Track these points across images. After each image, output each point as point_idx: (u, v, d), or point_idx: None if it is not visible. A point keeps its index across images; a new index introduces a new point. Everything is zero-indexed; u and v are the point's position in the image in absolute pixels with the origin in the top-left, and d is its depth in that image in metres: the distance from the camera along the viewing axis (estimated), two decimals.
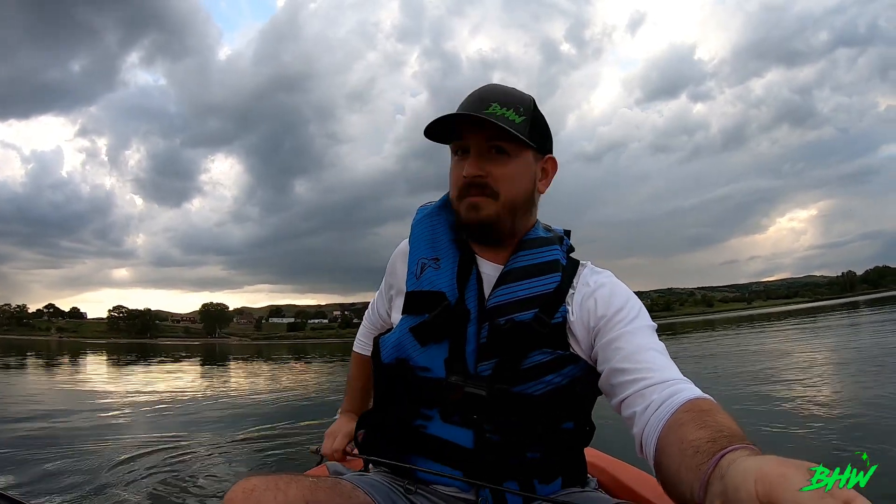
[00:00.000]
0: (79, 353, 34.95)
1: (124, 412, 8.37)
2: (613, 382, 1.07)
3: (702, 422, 0.81)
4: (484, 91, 1.20)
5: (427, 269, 1.26)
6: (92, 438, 5.92)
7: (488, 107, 1.15)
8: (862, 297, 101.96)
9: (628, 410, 1.01)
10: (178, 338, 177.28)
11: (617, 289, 1.20)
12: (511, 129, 1.13)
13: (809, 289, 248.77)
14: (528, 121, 1.19)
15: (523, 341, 1.15)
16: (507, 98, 1.18)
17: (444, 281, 1.23)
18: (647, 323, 1.13)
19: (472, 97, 1.19)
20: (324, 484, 1.04)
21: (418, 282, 1.25)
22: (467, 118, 1.14)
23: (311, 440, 5.60)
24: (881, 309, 31.41)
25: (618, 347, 1.09)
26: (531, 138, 1.19)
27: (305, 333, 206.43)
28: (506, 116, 1.15)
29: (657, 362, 1.03)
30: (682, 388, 0.95)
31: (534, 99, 1.23)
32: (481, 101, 1.17)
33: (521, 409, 1.16)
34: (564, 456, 1.25)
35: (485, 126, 1.14)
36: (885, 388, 6.60)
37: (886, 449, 4.12)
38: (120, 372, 18.83)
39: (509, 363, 1.15)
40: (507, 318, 1.16)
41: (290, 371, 17.94)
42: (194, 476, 4.39)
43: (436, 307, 1.21)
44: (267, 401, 9.68)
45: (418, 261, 1.28)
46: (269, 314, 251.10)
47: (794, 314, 43.25)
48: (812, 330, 20.57)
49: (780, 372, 9.23)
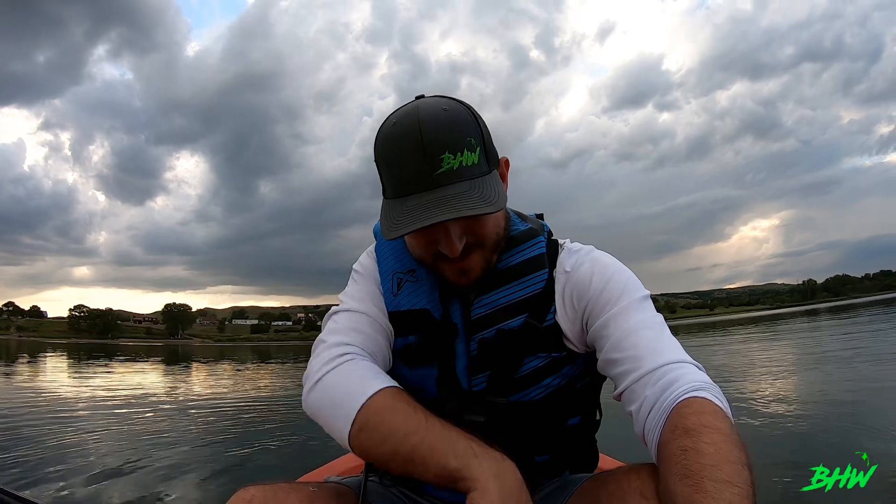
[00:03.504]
0: (38, 353, 34.14)
1: (97, 416, 8.17)
2: (608, 373, 1.03)
3: (683, 468, 0.77)
4: (424, 134, 0.94)
5: (405, 284, 1.15)
6: (65, 445, 5.74)
7: (440, 163, 0.94)
8: (823, 305, 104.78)
9: (626, 408, 0.97)
10: (140, 339, 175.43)
11: (597, 266, 1.09)
12: (481, 208, 0.93)
13: (771, 296, 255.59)
14: (482, 148, 1.00)
15: (514, 350, 1.09)
16: (452, 135, 0.95)
17: (425, 296, 1.13)
18: (635, 296, 1.04)
19: (412, 148, 0.95)
20: (324, 493, 1.01)
21: (396, 300, 1.14)
22: (436, 220, 0.92)
23: (300, 443, 5.52)
24: (840, 316, 32.26)
25: (607, 334, 1.01)
26: (489, 161, 1.02)
27: (269, 336, 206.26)
28: (464, 165, 0.95)
29: (647, 344, 0.97)
30: (673, 380, 0.90)
31: (468, 106, 1.03)
32: (427, 156, 0.94)
33: (523, 417, 1.12)
34: (573, 450, 1.22)
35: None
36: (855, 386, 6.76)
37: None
38: (85, 373, 18.42)
39: (503, 375, 1.09)
40: (495, 329, 1.09)
41: (259, 373, 17.72)
42: (180, 483, 4.27)
43: (420, 326, 1.12)
44: (243, 404, 9.52)
45: (393, 275, 1.16)
46: (233, 316, 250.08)
47: (756, 321, 44.22)
48: (782, 335, 21.03)
49: (752, 373, 9.39)
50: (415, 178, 0.95)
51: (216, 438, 6.10)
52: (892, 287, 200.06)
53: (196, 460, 4.94)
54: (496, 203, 0.95)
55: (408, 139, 0.95)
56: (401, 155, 0.96)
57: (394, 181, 0.99)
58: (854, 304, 72.09)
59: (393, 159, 0.98)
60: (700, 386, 0.87)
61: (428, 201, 0.94)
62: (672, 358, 0.94)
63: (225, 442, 5.87)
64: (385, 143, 1.00)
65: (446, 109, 0.98)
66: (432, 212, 0.92)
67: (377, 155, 1.03)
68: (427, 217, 0.92)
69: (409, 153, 0.95)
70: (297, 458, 5.01)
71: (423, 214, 0.93)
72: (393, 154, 0.98)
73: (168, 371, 19.38)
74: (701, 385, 0.88)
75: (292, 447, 5.39)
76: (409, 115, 0.97)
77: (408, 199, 0.96)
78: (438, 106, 0.98)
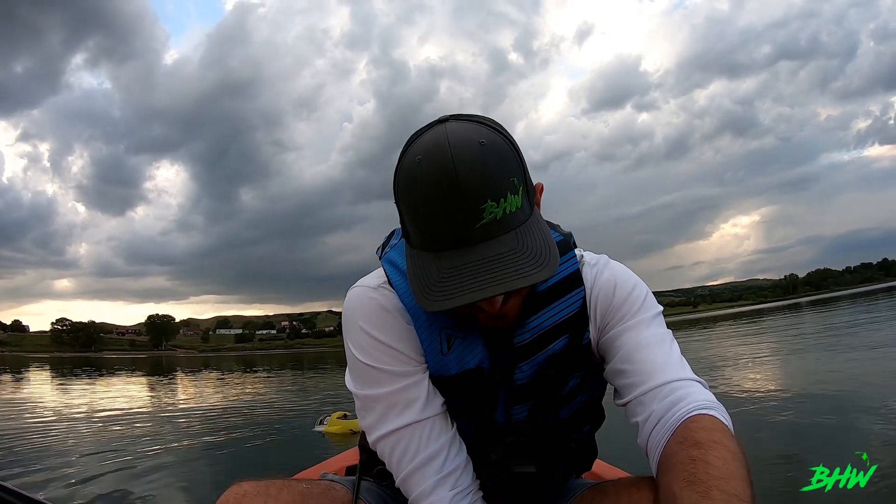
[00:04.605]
0: (21, 368, 33.64)
1: (92, 424, 8.10)
2: (615, 383, 1.01)
3: (690, 475, 0.74)
4: (461, 179, 0.79)
5: (455, 341, 1.00)
6: (66, 450, 5.68)
7: (481, 213, 0.80)
8: (805, 299, 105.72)
9: (631, 419, 0.95)
10: (123, 351, 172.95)
11: (618, 279, 1.04)
12: (535, 275, 0.81)
13: (753, 292, 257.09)
14: (524, 187, 0.87)
15: (561, 374, 1.04)
16: (494, 179, 0.81)
17: (477, 352, 1.01)
18: (651, 312, 1.02)
19: (446, 196, 0.80)
20: (316, 489, 1.01)
21: (445, 360, 1.01)
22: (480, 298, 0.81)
23: (295, 442, 5.49)
24: (822, 309, 32.48)
25: (619, 345, 0.99)
26: (530, 200, 0.91)
27: (254, 345, 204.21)
28: (507, 212, 0.83)
29: (657, 360, 0.95)
30: (682, 398, 0.89)
31: (505, 134, 0.88)
32: (466, 207, 0.80)
33: (550, 436, 1.10)
34: (581, 454, 1.23)
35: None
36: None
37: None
38: (72, 385, 18.19)
39: (549, 401, 1.07)
40: (545, 355, 1.02)
41: (247, 381, 17.60)
42: (174, 480, 4.25)
43: (469, 385, 1.02)
44: (230, 410, 9.45)
45: (440, 331, 1.00)
46: (216, 325, 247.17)
47: (740, 316, 44.45)
48: (767, 330, 21.14)
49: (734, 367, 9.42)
50: (451, 231, 0.82)
51: (212, 439, 6.07)
52: (873, 280, 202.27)
53: (190, 459, 4.92)
54: (549, 264, 0.83)
55: (441, 185, 0.79)
56: (433, 203, 0.81)
57: (423, 232, 0.86)
58: (836, 297, 72.86)
59: (422, 206, 0.83)
60: (709, 405, 0.87)
61: (471, 263, 0.81)
62: (681, 375, 0.93)
63: (219, 441, 5.84)
64: (411, 187, 0.84)
65: (483, 143, 0.82)
66: (481, 279, 0.80)
67: (399, 196, 0.89)
68: (472, 287, 0.80)
69: (443, 202, 0.80)
70: (292, 456, 4.99)
71: (467, 283, 0.80)
72: (422, 201, 0.83)
73: (156, 381, 19.21)
74: (709, 404, 0.87)
75: (288, 445, 5.37)
76: (440, 151, 0.81)
77: (443, 256, 0.84)
78: (474, 138, 0.82)
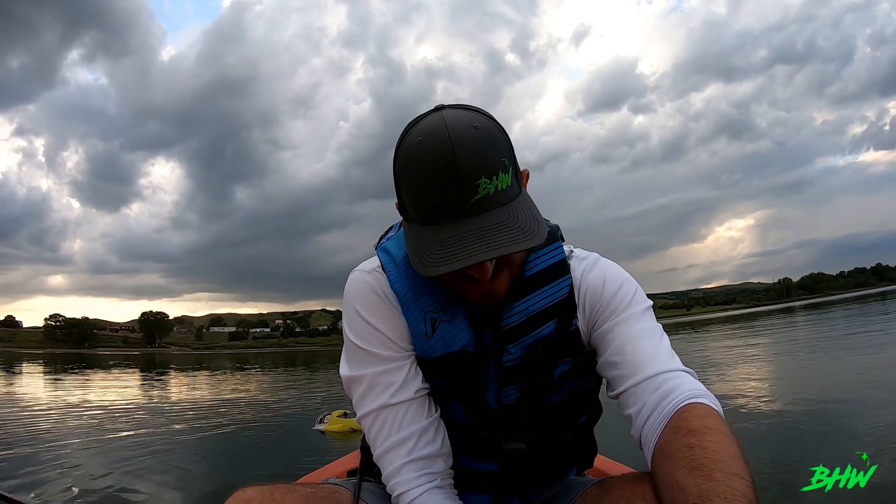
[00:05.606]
0: (14, 364, 33.51)
1: (88, 425, 8.08)
2: (607, 375, 1.04)
3: (690, 461, 0.77)
4: (458, 157, 0.88)
5: (440, 324, 1.06)
6: (65, 454, 5.67)
7: (476, 189, 0.89)
8: (798, 303, 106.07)
9: (625, 410, 0.98)
10: (117, 348, 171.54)
11: (608, 274, 1.09)
12: (525, 242, 0.89)
13: (747, 295, 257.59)
14: (513, 167, 0.96)
15: (550, 357, 1.08)
16: (488, 158, 0.90)
17: (462, 334, 1.07)
18: (641, 306, 1.06)
19: (444, 172, 0.88)
20: (320, 492, 1.02)
21: (429, 343, 1.07)
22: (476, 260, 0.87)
23: (299, 446, 5.50)
24: (815, 312, 32.61)
25: (610, 339, 1.03)
26: (518, 180, 0.99)
27: (248, 343, 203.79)
28: (499, 189, 0.91)
29: (648, 352, 0.98)
30: (673, 388, 0.91)
31: (496, 121, 0.97)
32: (463, 182, 0.88)
33: (543, 422, 1.13)
34: (580, 448, 1.26)
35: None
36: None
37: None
38: (68, 381, 18.14)
39: (539, 383, 1.10)
40: (534, 337, 1.06)
41: (240, 380, 17.57)
42: (179, 483, 4.24)
43: (454, 367, 1.08)
44: (229, 409, 9.44)
45: (425, 315, 1.07)
46: (210, 323, 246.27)
47: (734, 319, 44.57)
48: (762, 333, 21.21)
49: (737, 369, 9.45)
50: (448, 204, 0.90)
51: (211, 439, 6.07)
52: (867, 284, 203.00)
53: (194, 462, 4.92)
54: (537, 235, 0.91)
55: (439, 162, 0.88)
56: (432, 178, 0.89)
57: (422, 206, 0.93)
58: (829, 301, 73.12)
59: (421, 182, 0.91)
60: (699, 393, 0.89)
61: (466, 233, 0.89)
62: (671, 366, 0.96)
63: (219, 441, 5.84)
64: (411, 164, 0.93)
65: (478, 127, 0.91)
66: (474, 247, 0.87)
67: (400, 175, 0.97)
68: (468, 254, 0.87)
69: (441, 177, 0.88)
70: (293, 455, 5.00)
71: (463, 250, 0.88)
72: (422, 177, 0.91)
73: (153, 378, 19.16)
74: (699, 392, 0.90)
75: (288, 444, 5.38)
76: (438, 133, 0.89)
77: (440, 227, 0.91)
78: (468, 122, 0.91)
